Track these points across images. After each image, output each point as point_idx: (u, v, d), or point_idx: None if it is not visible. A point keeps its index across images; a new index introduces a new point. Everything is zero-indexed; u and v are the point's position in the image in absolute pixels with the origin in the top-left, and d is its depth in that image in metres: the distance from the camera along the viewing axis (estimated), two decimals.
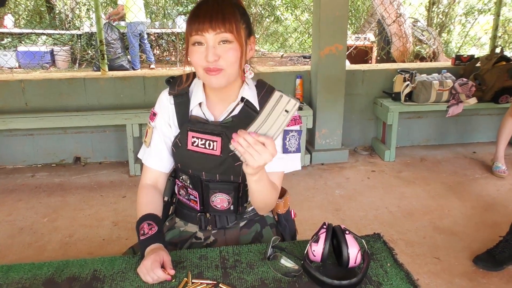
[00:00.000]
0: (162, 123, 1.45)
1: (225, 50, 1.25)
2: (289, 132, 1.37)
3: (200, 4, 1.27)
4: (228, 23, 1.23)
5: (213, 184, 1.43)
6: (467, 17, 10.32)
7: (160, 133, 1.45)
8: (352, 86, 4.36)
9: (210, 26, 1.22)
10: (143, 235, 1.32)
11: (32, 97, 4.00)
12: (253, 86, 1.42)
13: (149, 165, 1.47)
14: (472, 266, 2.59)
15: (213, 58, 1.24)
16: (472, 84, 4.08)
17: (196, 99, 1.40)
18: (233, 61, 1.26)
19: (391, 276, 1.23)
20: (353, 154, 4.41)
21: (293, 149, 1.38)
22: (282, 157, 1.38)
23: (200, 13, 1.24)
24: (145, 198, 1.44)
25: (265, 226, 1.56)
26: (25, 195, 3.57)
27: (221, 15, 1.23)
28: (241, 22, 1.27)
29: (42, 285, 1.21)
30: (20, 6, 10.96)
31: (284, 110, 1.11)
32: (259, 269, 1.25)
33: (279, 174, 1.42)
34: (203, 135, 1.37)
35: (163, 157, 1.46)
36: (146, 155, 1.48)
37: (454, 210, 3.30)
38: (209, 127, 1.37)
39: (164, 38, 10.35)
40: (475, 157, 4.35)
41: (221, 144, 1.36)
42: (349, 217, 3.22)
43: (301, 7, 10.91)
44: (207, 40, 1.24)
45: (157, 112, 1.46)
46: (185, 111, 1.42)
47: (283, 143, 1.37)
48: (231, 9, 1.25)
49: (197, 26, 1.23)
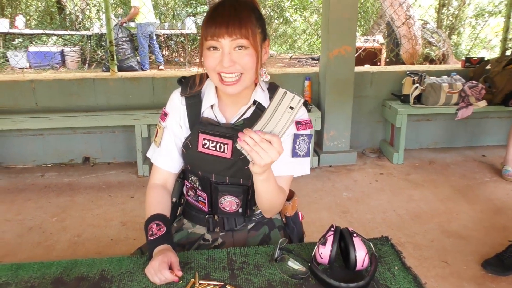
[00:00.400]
0: (173, 124, 1.44)
1: (240, 56, 1.24)
2: (299, 136, 1.36)
3: (216, 7, 1.26)
4: (244, 29, 1.22)
5: (222, 186, 1.43)
6: (478, 19, 10.26)
7: (171, 133, 1.45)
8: (360, 88, 4.35)
9: (227, 32, 1.21)
10: (151, 236, 1.32)
11: (42, 97, 4.04)
12: (265, 89, 1.42)
13: (158, 165, 1.47)
14: (481, 271, 2.57)
15: (229, 64, 1.23)
16: (482, 87, 4.06)
17: (208, 101, 1.40)
18: (249, 67, 1.26)
19: (399, 279, 1.22)
20: (361, 157, 4.40)
21: (303, 153, 1.38)
22: (291, 161, 1.37)
23: (217, 18, 1.23)
24: (154, 198, 1.44)
25: (273, 228, 1.56)
26: (35, 194, 3.59)
27: (238, 20, 1.21)
28: (257, 27, 1.26)
29: (50, 284, 1.22)
30: (31, 7, 11.06)
31: (289, 107, 1.11)
32: (266, 271, 1.25)
33: (287, 178, 1.42)
34: (214, 138, 1.37)
35: (173, 157, 1.46)
36: (156, 154, 1.48)
37: (462, 213, 3.28)
38: (220, 129, 1.37)
39: (173, 39, 10.38)
40: (484, 160, 4.32)
41: (232, 147, 1.36)
42: (357, 219, 3.21)
43: (310, 9, 10.91)
44: (223, 46, 1.23)
45: (168, 112, 1.45)
46: (197, 113, 1.41)
47: (292, 147, 1.36)
48: (248, 14, 1.24)
49: (213, 31, 1.22)
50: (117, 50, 8.03)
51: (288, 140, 1.36)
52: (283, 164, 1.35)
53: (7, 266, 1.30)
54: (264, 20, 1.34)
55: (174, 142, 1.45)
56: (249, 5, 1.28)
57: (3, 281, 1.23)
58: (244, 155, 1.16)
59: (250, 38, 1.23)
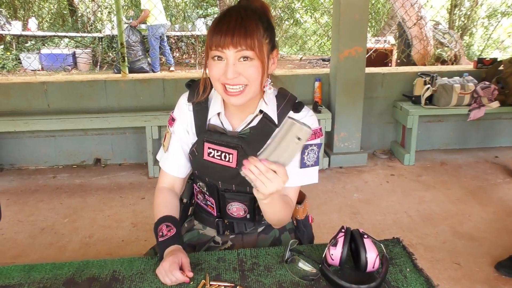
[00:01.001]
0: (181, 130, 1.44)
1: (245, 67, 1.21)
2: (308, 147, 1.35)
3: (223, 16, 1.22)
4: (250, 40, 1.18)
5: (229, 193, 1.43)
6: (490, 20, 10.17)
7: (178, 139, 1.44)
8: (371, 89, 4.34)
9: (231, 43, 1.18)
10: (161, 237, 1.32)
11: (54, 99, 4.07)
12: (273, 98, 1.38)
13: (166, 170, 1.48)
14: (494, 273, 2.55)
15: (233, 75, 1.20)
16: (494, 88, 4.02)
17: (214, 109, 1.38)
18: (254, 78, 1.23)
19: (411, 281, 1.21)
20: (372, 158, 4.38)
21: (311, 163, 1.37)
22: (298, 172, 1.36)
23: (223, 27, 1.19)
24: (162, 200, 1.44)
25: (283, 231, 1.55)
26: (47, 195, 3.62)
27: (243, 31, 1.18)
28: (264, 37, 1.22)
29: (62, 285, 1.23)
30: (43, 9, 11.16)
31: (297, 137, 1.10)
32: (277, 272, 1.25)
33: (295, 189, 1.41)
34: (219, 147, 1.35)
35: (180, 163, 1.46)
36: (164, 159, 1.48)
37: (474, 215, 3.25)
38: (226, 139, 1.35)
39: (184, 41, 10.42)
40: (497, 161, 4.28)
41: (237, 157, 1.34)
42: (367, 221, 3.20)
43: (321, 10, 10.89)
44: (227, 57, 1.20)
45: (176, 118, 1.44)
46: (203, 120, 1.40)
47: (301, 158, 1.35)
48: (255, 24, 1.20)
49: (217, 41, 1.19)
50: (128, 52, 8.08)
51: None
52: (290, 175, 1.31)
53: (20, 267, 1.31)
54: (274, 29, 1.30)
55: (181, 147, 1.45)
56: (257, 13, 1.23)
57: (16, 282, 1.24)
58: None
59: (256, 49, 1.19)
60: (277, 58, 1.33)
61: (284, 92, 1.40)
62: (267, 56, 1.26)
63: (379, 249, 1.23)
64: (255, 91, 1.27)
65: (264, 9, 1.28)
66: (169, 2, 10.76)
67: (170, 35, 9.76)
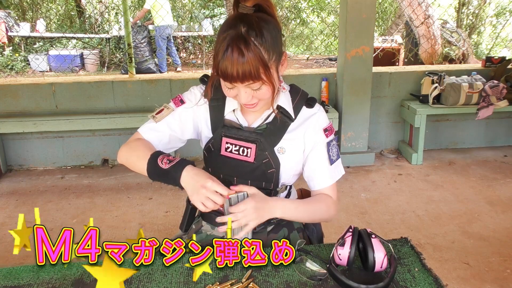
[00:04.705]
0: (185, 115, 1.42)
1: (257, 91, 1.23)
2: (330, 143, 1.40)
3: (225, 49, 1.16)
4: (255, 72, 1.16)
5: None
6: (498, 18, 10.11)
7: (176, 120, 1.42)
8: (379, 88, 4.32)
9: (238, 79, 1.17)
10: (168, 163, 1.26)
11: (62, 99, 4.09)
12: (287, 92, 1.40)
13: (146, 137, 1.42)
14: (503, 272, 2.53)
15: (246, 101, 1.24)
16: (503, 86, 3.99)
17: (231, 105, 1.38)
18: (267, 97, 1.25)
19: (419, 281, 1.21)
20: (379, 157, 4.37)
21: (335, 157, 1.43)
22: (329, 169, 1.41)
23: (227, 64, 1.16)
24: (146, 142, 1.40)
25: (292, 230, 1.54)
26: (55, 196, 3.64)
27: (247, 67, 1.15)
28: (269, 59, 1.19)
29: (71, 285, 1.24)
30: (51, 11, 11.23)
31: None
32: (285, 272, 1.25)
33: (331, 187, 1.44)
34: (237, 141, 1.37)
35: (162, 139, 1.42)
36: (148, 128, 1.43)
37: (483, 214, 3.23)
38: (244, 133, 1.37)
39: (191, 41, 10.44)
40: (506, 160, 4.25)
41: (255, 151, 1.35)
42: (375, 220, 3.19)
43: (328, 9, 10.87)
44: (238, 87, 1.22)
45: (186, 101, 1.43)
46: (220, 116, 1.40)
47: (328, 155, 1.40)
48: (256, 53, 1.16)
49: (225, 75, 1.18)
50: (135, 52, 8.11)
51: (322, 149, 1.40)
52: (324, 175, 1.39)
53: (29, 267, 1.33)
54: (278, 30, 1.25)
55: (173, 129, 1.42)
56: (257, 35, 1.17)
57: (25, 282, 1.25)
58: (267, 159, 1.21)
59: (263, 77, 1.18)
60: (286, 58, 1.32)
61: (296, 88, 1.44)
62: (277, 69, 1.26)
63: (387, 249, 1.23)
64: (269, 100, 1.29)
65: (263, 7, 1.24)
66: (175, 2, 10.79)
67: (177, 35, 9.78)
